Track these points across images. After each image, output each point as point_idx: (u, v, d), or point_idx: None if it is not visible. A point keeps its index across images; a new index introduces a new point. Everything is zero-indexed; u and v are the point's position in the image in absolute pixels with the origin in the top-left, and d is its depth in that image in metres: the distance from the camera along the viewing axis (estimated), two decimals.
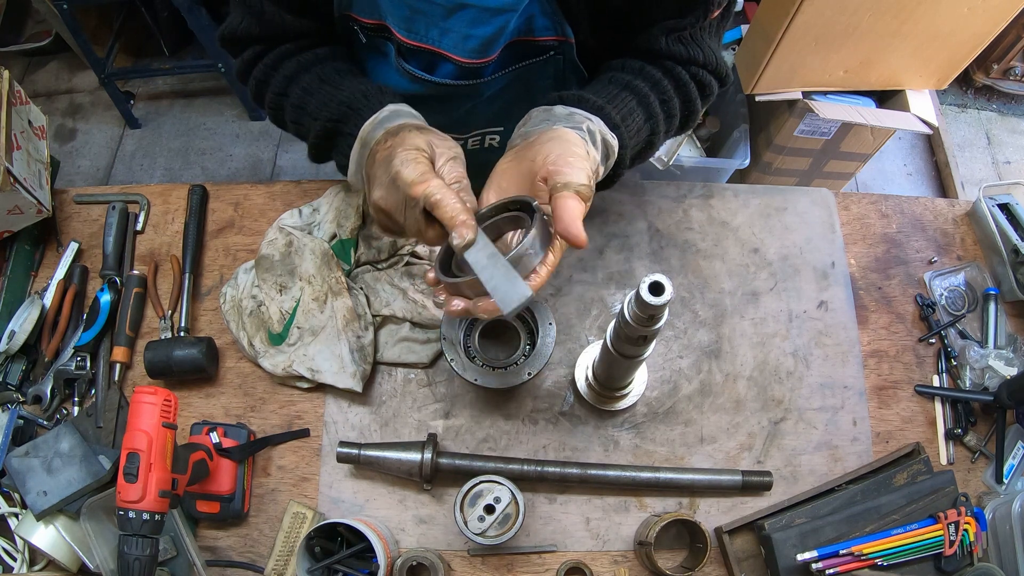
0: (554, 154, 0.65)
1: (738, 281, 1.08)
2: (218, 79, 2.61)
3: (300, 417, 1.00)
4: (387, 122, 0.72)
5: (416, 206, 0.64)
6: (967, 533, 0.88)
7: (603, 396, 0.99)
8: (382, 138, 0.70)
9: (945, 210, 1.16)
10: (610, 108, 0.75)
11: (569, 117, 0.72)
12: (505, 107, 0.91)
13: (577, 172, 0.64)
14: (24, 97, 1.07)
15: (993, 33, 1.70)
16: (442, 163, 0.67)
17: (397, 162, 0.64)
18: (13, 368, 1.01)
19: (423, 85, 0.83)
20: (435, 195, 0.62)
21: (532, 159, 0.67)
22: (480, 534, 0.83)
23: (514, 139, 0.75)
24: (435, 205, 0.62)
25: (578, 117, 0.72)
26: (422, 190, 0.62)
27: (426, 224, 0.65)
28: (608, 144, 0.74)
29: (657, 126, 0.82)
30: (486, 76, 0.83)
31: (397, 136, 0.68)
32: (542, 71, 0.85)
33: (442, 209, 0.62)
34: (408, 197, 0.64)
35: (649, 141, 0.83)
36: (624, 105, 0.78)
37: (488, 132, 0.96)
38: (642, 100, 0.80)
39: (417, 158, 0.65)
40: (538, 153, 0.67)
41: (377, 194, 0.67)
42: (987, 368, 1.01)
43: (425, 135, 0.68)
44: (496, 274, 0.61)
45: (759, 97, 1.89)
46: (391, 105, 0.75)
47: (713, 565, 0.93)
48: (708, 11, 0.78)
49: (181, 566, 0.90)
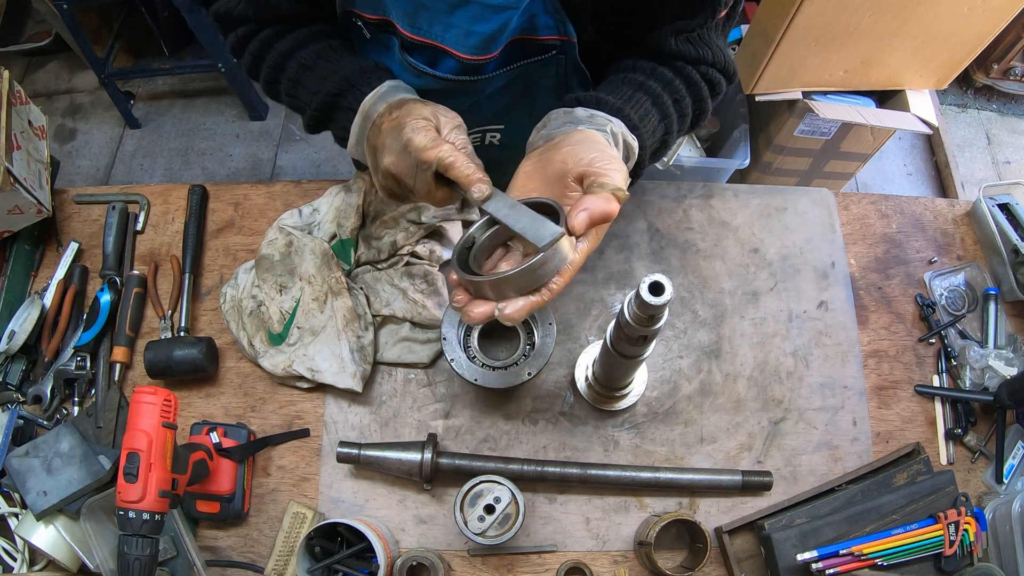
0: (588, 156, 0.66)
1: (738, 281, 1.08)
2: (218, 79, 2.60)
3: (300, 417, 1.00)
4: (388, 96, 0.76)
5: (428, 169, 0.67)
6: (967, 533, 0.88)
7: (603, 396, 0.99)
8: (386, 111, 0.73)
9: (945, 210, 1.16)
10: (628, 109, 0.76)
11: (591, 119, 0.72)
12: (506, 105, 0.91)
13: (616, 175, 0.65)
14: (24, 97, 1.07)
15: (993, 33, 1.70)
16: (447, 131, 0.71)
17: (408, 130, 0.68)
18: (13, 368, 1.01)
19: (425, 79, 0.84)
20: (448, 157, 0.66)
21: (562, 161, 0.68)
22: (480, 534, 0.83)
23: (535, 140, 0.75)
24: (449, 167, 0.66)
25: (600, 119, 0.73)
26: (435, 154, 0.66)
27: (436, 186, 0.69)
28: (629, 146, 0.74)
29: (671, 125, 0.82)
30: (487, 73, 0.84)
31: (402, 108, 0.71)
32: (544, 70, 0.86)
33: (456, 169, 0.66)
34: (420, 161, 0.67)
35: (663, 140, 0.84)
36: (640, 106, 0.78)
37: (489, 129, 0.96)
38: (656, 100, 0.80)
39: (426, 127, 0.68)
40: (569, 155, 0.67)
41: (388, 160, 0.71)
42: (987, 368, 1.01)
43: (429, 106, 0.72)
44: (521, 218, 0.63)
45: (759, 97, 1.89)
46: (389, 81, 0.78)
47: (713, 565, 0.93)
48: (716, 11, 0.78)
49: (181, 566, 0.90)
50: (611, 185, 0.64)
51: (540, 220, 0.62)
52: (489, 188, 0.65)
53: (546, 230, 0.61)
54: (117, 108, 2.59)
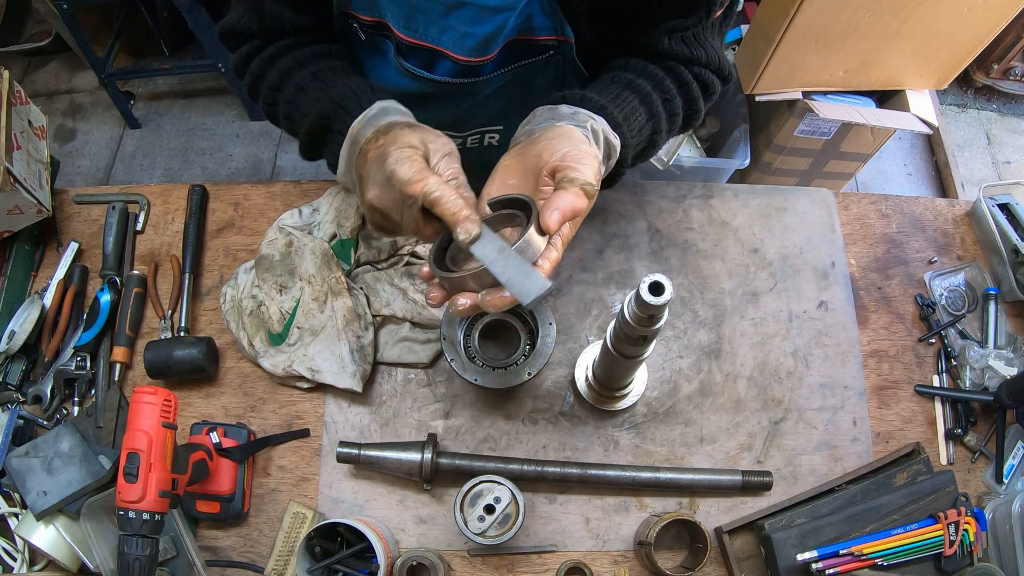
0: (562, 151, 0.65)
1: (738, 281, 1.08)
2: (218, 79, 2.61)
3: (300, 417, 1.00)
4: (376, 119, 0.71)
5: (414, 204, 0.63)
6: (967, 533, 0.88)
7: (603, 396, 0.99)
8: (372, 136, 0.69)
9: (945, 210, 1.16)
10: (612, 107, 0.75)
11: (573, 116, 0.72)
12: (505, 106, 0.91)
13: (585, 169, 0.64)
14: (24, 97, 1.07)
15: (993, 33, 1.70)
16: (437, 159, 0.66)
17: (391, 160, 0.63)
18: (13, 368, 1.01)
19: (422, 83, 0.83)
20: (434, 192, 0.61)
21: (538, 155, 0.67)
22: (480, 534, 0.83)
23: (518, 136, 0.74)
24: (435, 202, 0.61)
25: (582, 116, 0.72)
26: (420, 188, 0.61)
27: (424, 222, 0.65)
28: (610, 144, 0.74)
29: (659, 125, 0.82)
30: (485, 74, 0.84)
31: (388, 134, 0.67)
32: (542, 70, 0.86)
33: (443, 206, 0.61)
34: (405, 195, 0.62)
35: (651, 140, 0.83)
36: (626, 104, 0.78)
37: (488, 131, 0.96)
38: (644, 99, 0.80)
39: (412, 156, 0.63)
40: (544, 149, 0.66)
41: (372, 193, 0.66)
42: (987, 368, 1.01)
43: (417, 132, 0.67)
44: (509, 266, 0.60)
45: (759, 97, 1.89)
46: (380, 102, 0.73)
47: (713, 565, 0.93)
48: (711, 11, 0.78)
49: (181, 566, 0.90)
50: (580, 180, 0.63)
51: (527, 271, 0.59)
52: (477, 228, 0.61)
53: (533, 284, 0.59)
54: (117, 108, 2.59)
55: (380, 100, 0.74)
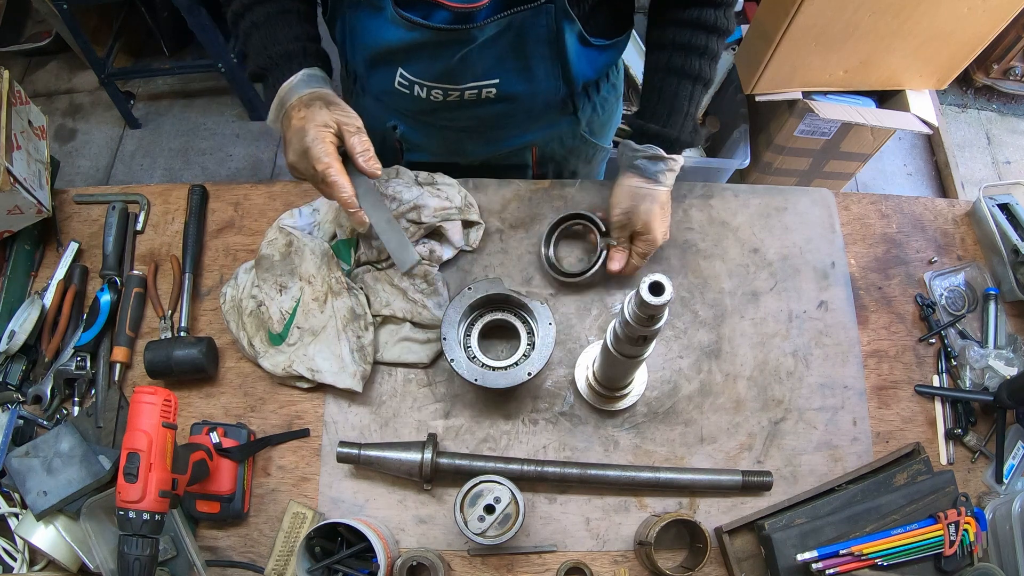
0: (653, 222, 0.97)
1: (738, 281, 1.08)
2: (218, 79, 2.60)
3: (300, 417, 1.00)
4: (300, 87, 0.86)
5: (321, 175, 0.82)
6: (967, 533, 0.88)
7: (603, 396, 0.99)
8: (296, 104, 0.84)
9: (945, 210, 1.16)
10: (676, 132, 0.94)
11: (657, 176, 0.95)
12: (498, 57, 0.92)
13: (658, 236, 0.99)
14: (24, 97, 1.07)
15: (993, 33, 1.70)
16: (350, 136, 0.83)
17: (308, 139, 0.81)
18: (13, 368, 1.01)
19: (419, 31, 0.86)
20: (331, 178, 0.82)
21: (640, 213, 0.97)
22: (480, 534, 0.83)
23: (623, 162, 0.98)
24: (330, 186, 0.82)
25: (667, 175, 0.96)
26: (323, 169, 0.81)
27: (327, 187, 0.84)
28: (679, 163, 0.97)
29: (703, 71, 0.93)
30: (479, 20, 0.86)
31: (309, 108, 0.83)
32: (535, 21, 0.87)
33: (336, 192, 0.82)
34: (314, 171, 0.82)
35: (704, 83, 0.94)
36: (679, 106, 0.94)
37: (483, 85, 0.97)
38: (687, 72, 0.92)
39: (325, 137, 0.82)
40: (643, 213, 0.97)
41: (292, 158, 0.85)
42: (987, 368, 1.01)
43: (332, 111, 0.83)
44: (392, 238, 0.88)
45: (759, 97, 1.89)
46: (306, 69, 0.87)
47: (713, 565, 0.93)
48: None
49: (181, 566, 0.90)
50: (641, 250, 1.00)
51: (405, 244, 0.88)
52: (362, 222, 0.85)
53: (407, 256, 0.89)
54: (117, 108, 2.59)
55: (307, 68, 0.88)
